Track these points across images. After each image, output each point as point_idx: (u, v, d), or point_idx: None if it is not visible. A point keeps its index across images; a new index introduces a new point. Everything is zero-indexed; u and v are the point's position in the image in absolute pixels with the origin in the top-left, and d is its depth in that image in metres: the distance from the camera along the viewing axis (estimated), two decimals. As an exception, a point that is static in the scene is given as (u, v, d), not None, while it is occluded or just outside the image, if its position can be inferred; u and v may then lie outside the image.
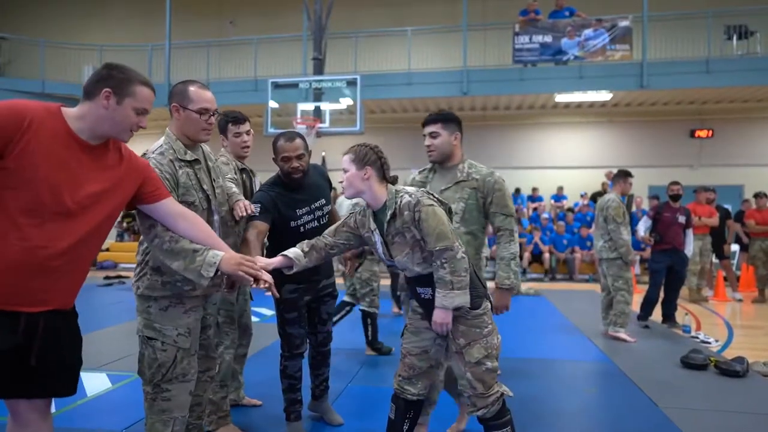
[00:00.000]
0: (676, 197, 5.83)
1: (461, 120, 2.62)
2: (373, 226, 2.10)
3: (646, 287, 5.84)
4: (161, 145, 2.01)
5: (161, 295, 1.97)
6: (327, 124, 9.38)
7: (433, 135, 2.53)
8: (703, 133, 12.32)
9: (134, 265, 2.11)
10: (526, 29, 10.64)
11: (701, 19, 10.61)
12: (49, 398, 1.63)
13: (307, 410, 2.93)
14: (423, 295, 2.09)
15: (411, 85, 11.12)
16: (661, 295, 5.72)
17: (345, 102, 9.70)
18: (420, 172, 2.71)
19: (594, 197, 12.30)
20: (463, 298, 1.95)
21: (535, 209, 12.19)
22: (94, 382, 3.51)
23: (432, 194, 2.09)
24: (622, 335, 4.96)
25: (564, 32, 10.50)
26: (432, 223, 1.95)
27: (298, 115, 9.50)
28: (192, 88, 2.03)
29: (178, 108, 2.01)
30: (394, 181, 2.14)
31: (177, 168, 1.98)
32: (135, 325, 2.07)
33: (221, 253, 1.80)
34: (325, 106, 9.60)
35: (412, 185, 2.57)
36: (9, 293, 1.44)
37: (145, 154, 1.96)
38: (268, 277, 1.90)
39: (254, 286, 1.88)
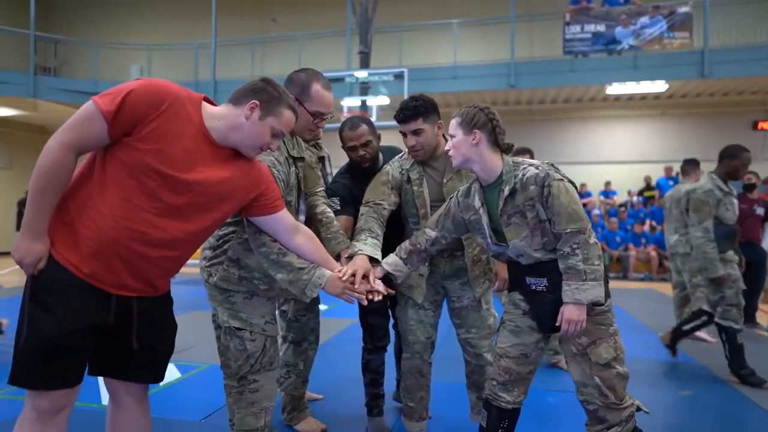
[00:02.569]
0: (749, 187, 5.43)
1: (506, 113, 2.36)
2: (478, 204, 1.85)
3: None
4: None
5: (236, 289, 1.85)
6: (374, 119, 9.27)
7: (417, 132, 2.18)
8: (767, 125, 11.63)
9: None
10: (578, 18, 10.25)
11: (768, 2, 10.02)
12: (144, 383, 1.57)
13: (392, 400, 2.81)
14: (534, 287, 1.82)
15: (457, 79, 10.87)
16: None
17: (382, 99, 9.57)
18: (405, 170, 2.27)
19: (641, 193, 11.81)
20: (598, 291, 1.68)
21: (584, 205, 11.74)
22: (163, 373, 3.46)
23: (557, 167, 1.82)
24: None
25: (618, 21, 10.05)
26: (564, 200, 1.70)
27: (345, 111, 9.42)
28: (315, 87, 1.91)
29: (294, 100, 1.89)
30: (508, 149, 1.87)
31: (289, 166, 1.87)
32: (196, 316, 1.96)
33: (328, 274, 1.74)
34: (372, 101, 9.50)
35: (393, 185, 2.22)
36: (98, 269, 1.38)
37: None
38: (380, 288, 1.84)
39: (369, 297, 1.81)
